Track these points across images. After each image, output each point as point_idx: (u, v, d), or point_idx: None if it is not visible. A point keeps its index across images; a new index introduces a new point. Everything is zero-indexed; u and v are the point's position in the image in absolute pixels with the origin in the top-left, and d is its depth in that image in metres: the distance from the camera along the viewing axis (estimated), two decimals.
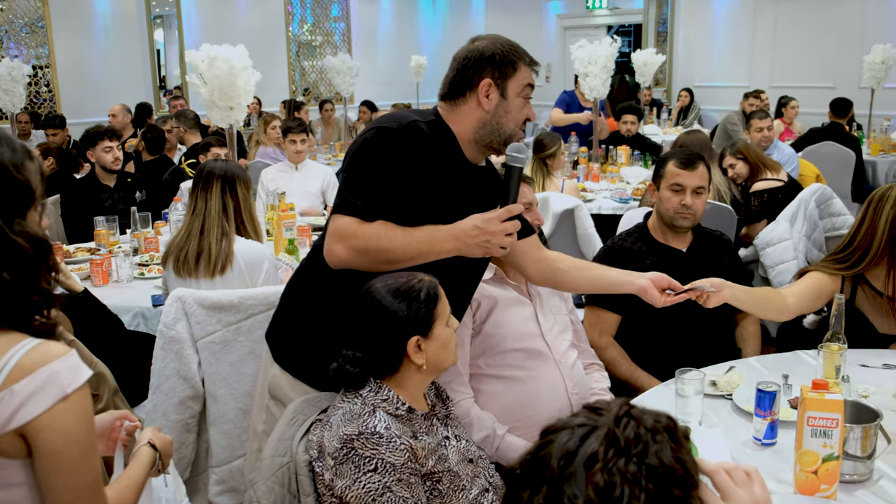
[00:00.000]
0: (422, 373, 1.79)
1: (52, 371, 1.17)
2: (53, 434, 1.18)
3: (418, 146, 1.87)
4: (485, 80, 1.93)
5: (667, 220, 2.88)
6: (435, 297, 1.78)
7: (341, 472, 1.64)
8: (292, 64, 11.92)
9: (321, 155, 8.07)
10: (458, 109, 1.96)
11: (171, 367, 2.57)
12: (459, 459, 1.83)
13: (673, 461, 0.90)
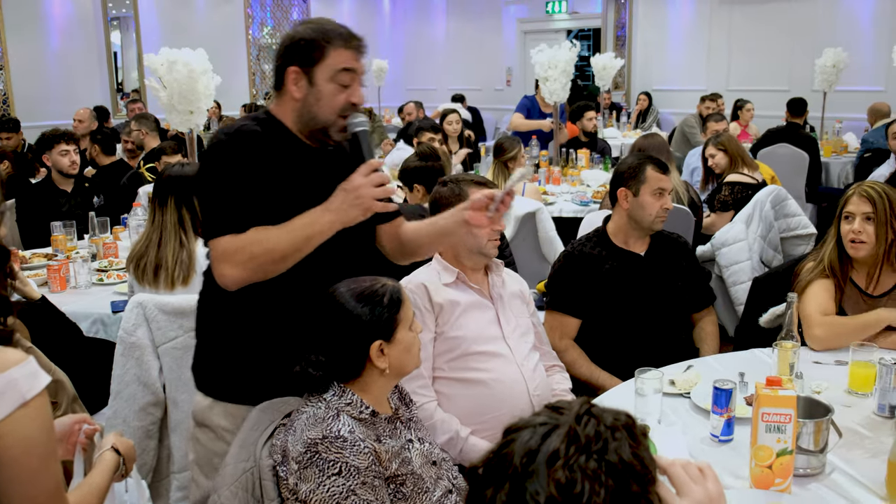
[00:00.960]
0: (385, 377, 1.80)
1: (10, 378, 1.16)
2: (13, 441, 1.17)
3: (252, 148, 1.84)
4: (291, 68, 1.87)
5: (646, 224, 2.91)
6: (398, 301, 1.79)
7: (305, 476, 1.64)
8: (252, 67, 11.83)
9: None
10: (280, 101, 1.93)
11: (132, 374, 2.55)
12: (423, 462, 1.84)
13: (631, 457, 0.93)
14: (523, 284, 2.66)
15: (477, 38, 12.94)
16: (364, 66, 1.93)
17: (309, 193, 1.85)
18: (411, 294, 2.34)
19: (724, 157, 4.87)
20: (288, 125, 1.92)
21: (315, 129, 1.91)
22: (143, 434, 2.59)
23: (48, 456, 1.24)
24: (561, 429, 0.93)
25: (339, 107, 1.88)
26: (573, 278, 2.90)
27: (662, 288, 2.90)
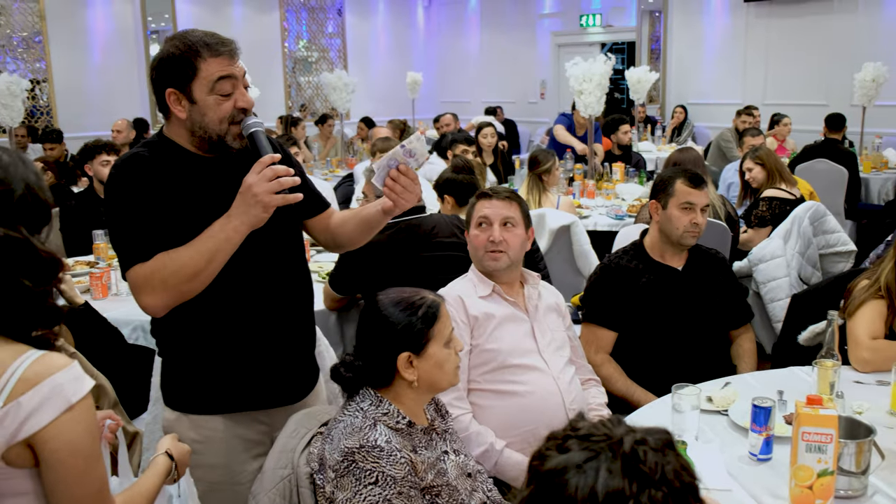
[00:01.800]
0: (414, 390, 1.81)
1: (56, 382, 1.19)
2: (59, 444, 1.20)
3: (141, 172, 1.82)
4: (168, 90, 1.82)
5: (674, 238, 2.89)
6: (433, 316, 1.81)
7: (342, 485, 1.65)
8: (288, 80, 11.97)
9: (318, 170, 8.10)
10: (169, 122, 1.89)
11: None
12: (458, 473, 1.85)
13: (682, 471, 0.92)
14: (559, 298, 2.66)
15: (511, 51, 12.96)
16: (241, 68, 1.88)
17: (214, 205, 1.82)
18: (447, 307, 2.35)
19: (762, 172, 4.83)
20: (182, 143, 1.89)
21: (212, 141, 1.86)
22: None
23: (93, 458, 1.27)
24: (612, 463, 0.91)
25: (226, 116, 1.84)
26: (609, 291, 2.89)
27: (699, 303, 2.87)
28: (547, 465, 0.94)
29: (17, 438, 1.17)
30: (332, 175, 7.83)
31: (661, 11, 11.25)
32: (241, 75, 1.87)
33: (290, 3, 11.88)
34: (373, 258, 3.00)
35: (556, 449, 0.95)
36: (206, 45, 1.82)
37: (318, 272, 3.77)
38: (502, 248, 2.47)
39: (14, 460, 1.20)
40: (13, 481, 1.22)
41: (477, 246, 2.51)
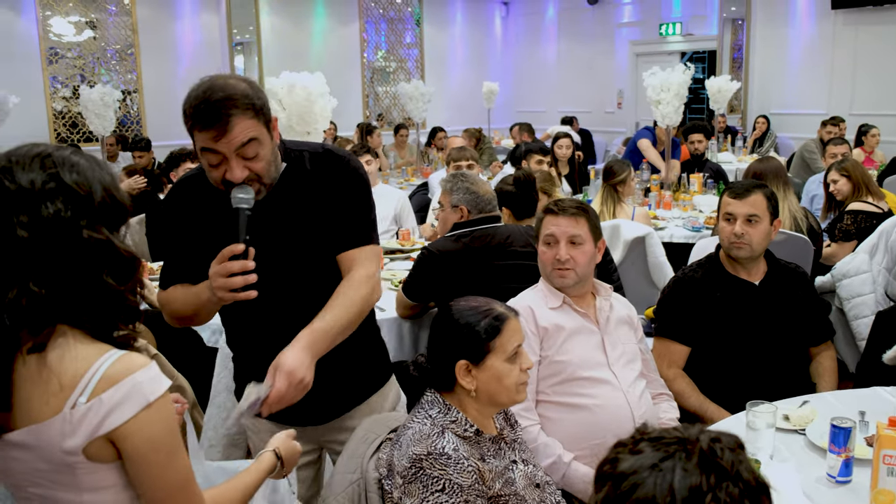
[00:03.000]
0: (474, 399, 1.81)
1: (135, 381, 1.24)
2: (139, 440, 1.25)
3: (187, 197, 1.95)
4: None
5: (724, 249, 2.86)
6: (495, 329, 1.81)
7: (410, 491, 1.67)
8: (366, 90, 12.16)
9: (394, 179, 8.20)
10: None
11: (224, 383, 2.64)
12: (526, 484, 1.85)
13: (755, 472, 0.92)
14: (631, 310, 2.63)
15: (588, 60, 12.86)
16: (237, 140, 1.73)
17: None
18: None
19: (848, 184, 4.66)
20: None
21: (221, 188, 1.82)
22: (228, 442, 2.67)
23: (174, 452, 1.31)
24: (685, 461, 0.91)
25: (217, 182, 1.80)
26: (683, 305, 2.84)
27: (777, 319, 2.80)
28: (620, 467, 0.94)
29: (98, 433, 1.22)
30: (407, 184, 7.92)
31: (744, 20, 10.99)
32: (233, 149, 1.74)
33: (369, 14, 12.08)
34: (446, 266, 3.02)
35: (629, 452, 0.95)
36: (194, 112, 1.75)
37: (391, 280, 3.82)
38: (569, 265, 2.46)
39: (96, 455, 1.25)
40: (96, 475, 1.27)
41: (545, 262, 2.52)
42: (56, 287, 1.24)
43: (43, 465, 1.26)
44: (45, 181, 1.24)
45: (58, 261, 1.24)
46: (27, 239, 1.22)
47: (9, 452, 1.27)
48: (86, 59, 9.87)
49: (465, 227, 3.12)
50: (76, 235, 1.25)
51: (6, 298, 1.21)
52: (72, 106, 9.47)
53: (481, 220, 3.13)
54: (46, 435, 1.23)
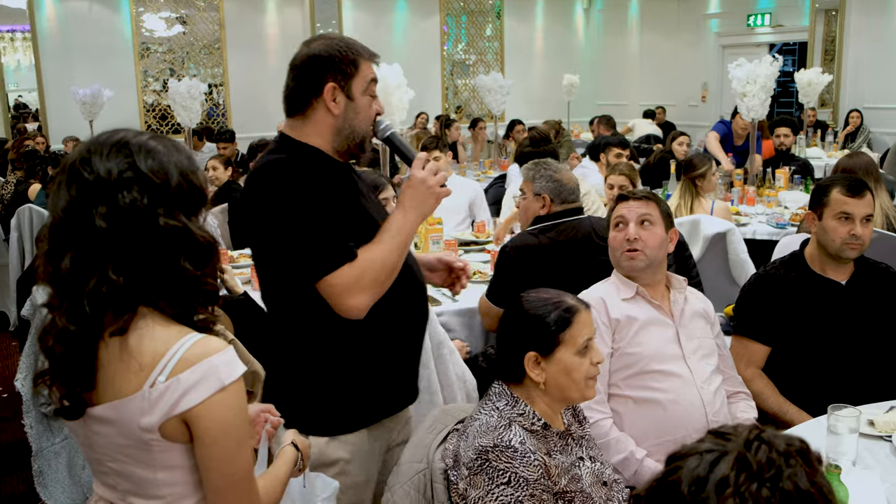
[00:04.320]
0: (543, 392, 1.80)
1: (212, 364, 1.27)
2: (211, 422, 1.28)
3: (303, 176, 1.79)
4: (329, 84, 1.81)
5: (832, 251, 2.70)
6: (566, 321, 1.79)
7: (475, 483, 1.67)
8: (446, 82, 12.19)
9: (470, 171, 8.21)
10: (308, 122, 1.85)
11: None
12: (593, 481, 1.82)
13: (809, 485, 0.88)
14: (707, 304, 2.56)
15: (672, 53, 12.58)
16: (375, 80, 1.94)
17: (360, 207, 1.89)
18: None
19: None
20: (318, 145, 1.87)
21: (354, 143, 1.88)
22: None
23: (243, 439, 1.34)
24: (729, 455, 0.89)
25: (372, 117, 1.89)
26: (764, 303, 2.75)
27: (864, 320, 2.67)
28: (677, 450, 0.94)
29: (173, 413, 1.26)
30: (484, 176, 7.92)
31: (838, 9, 10.56)
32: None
33: (450, 8, 12.10)
34: (530, 263, 2.96)
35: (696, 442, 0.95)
36: (363, 47, 1.88)
37: None
38: (638, 246, 2.40)
39: (170, 434, 1.29)
40: (168, 454, 1.31)
41: (615, 247, 2.47)
42: (135, 274, 1.27)
43: (122, 441, 1.30)
44: (122, 170, 1.27)
45: (135, 249, 1.26)
46: (105, 229, 1.25)
47: (92, 427, 1.32)
48: (175, 53, 10.21)
49: (548, 220, 3.06)
50: (153, 223, 1.27)
51: (87, 287, 1.25)
52: (162, 99, 9.81)
53: (564, 212, 3.06)
54: (127, 411, 1.27)
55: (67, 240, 1.26)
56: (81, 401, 1.29)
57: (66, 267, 1.25)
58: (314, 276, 1.76)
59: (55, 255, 1.27)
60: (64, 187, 1.27)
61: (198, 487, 1.35)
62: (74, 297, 1.25)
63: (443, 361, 2.61)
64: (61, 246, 1.26)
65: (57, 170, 1.32)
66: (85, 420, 1.31)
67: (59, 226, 1.27)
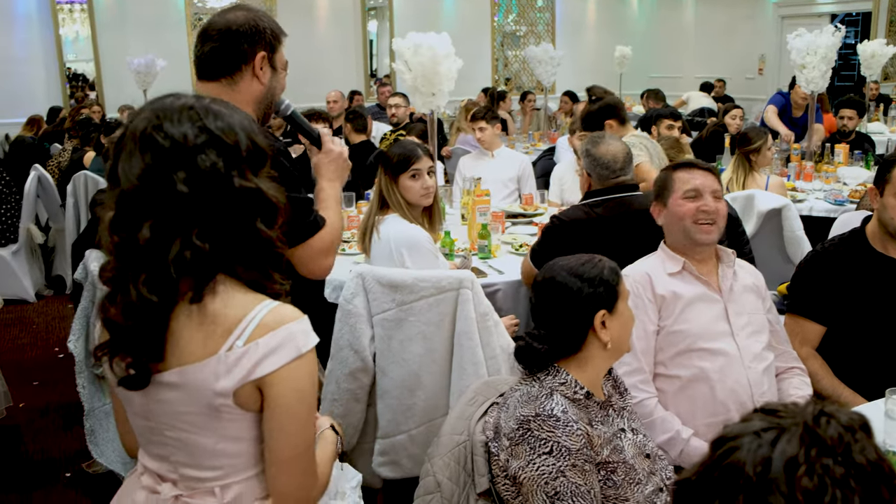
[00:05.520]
0: (605, 353, 1.79)
1: (290, 331, 1.26)
2: (286, 389, 1.27)
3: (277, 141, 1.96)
4: (260, 53, 1.90)
5: (891, 229, 2.60)
6: (617, 274, 1.82)
7: (516, 453, 1.65)
8: (496, 54, 12.06)
9: (519, 143, 8.13)
10: (235, 89, 1.91)
11: (345, 339, 2.67)
12: (636, 453, 1.79)
13: (878, 459, 0.83)
14: (758, 277, 2.48)
15: (729, 24, 12.25)
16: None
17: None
18: (634, 284, 2.29)
19: None
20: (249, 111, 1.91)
21: (267, 113, 1.99)
22: (350, 397, 2.71)
23: (312, 409, 1.34)
24: (791, 432, 0.84)
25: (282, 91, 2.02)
26: (820, 281, 2.66)
27: None
28: (724, 431, 0.89)
29: (250, 378, 1.25)
30: (533, 149, 7.83)
31: None
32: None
33: None
34: (574, 235, 2.92)
35: (740, 421, 0.90)
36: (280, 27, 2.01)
37: (511, 243, 3.79)
38: (714, 218, 2.35)
39: (243, 401, 1.28)
40: (236, 424, 1.30)
41: (684, 215, 2.37)
42: (216, 238, 1.25)
43: (189, 408, 1.29)
44: (196, 134, 1.25)
45: (216, 212, 1.25)
46: (187, 194, 1.23)
47: (157, 394, 1.30)
48: None
49: (597, 195, 3.00)
50: (230, 185, 1.25)
51: (170, 254, 1.23)
52: None
53: (614, 188, 2.99)
54: (200, 375, 1.26)
55: (145, 207, 1.23)
56: (148, 370, 1.27)
57: (146, 236, 1.22)
58: (307, 234, 1.90)
59: (130, 224, 1.24)
60: (137, 155, 1.24)
61: (256, 462, 1.34)
62: (156, 266, 1.23)
63: (487, 333, 2.59)
64: (137, 214, 1.23)
65: (117, 138, 1.29)
66: (148, 388, 1.29)
67: (134, 193, 1.24)
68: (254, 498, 1.35)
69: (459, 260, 3.34)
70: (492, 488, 1.76)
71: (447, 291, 2.60)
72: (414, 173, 2.94)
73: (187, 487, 1.34)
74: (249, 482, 1.35)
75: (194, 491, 1.34)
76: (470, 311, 2.58)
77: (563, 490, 1.61)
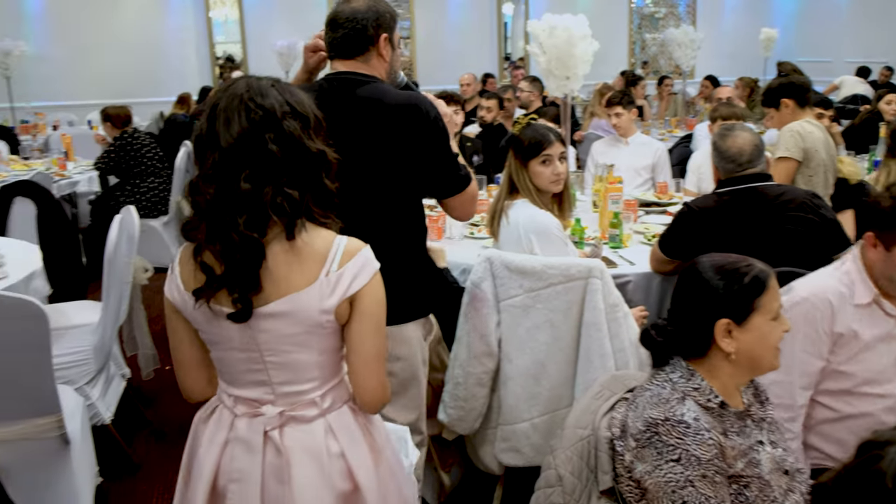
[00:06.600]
0: (731, 364, 1.67)
1: (365, 255, 1.54)
2: (371, 300, 1.55)
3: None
4: (382, 36, 2.21)
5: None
6: (761, 285, 1.66)
7: (642, 456, 1.60)
8: (633, 36, 11.74)
9: (655, 130, 7.89)
10: (368, 65, 2.22)
11: (472, 323, 2.67)
12: (773, 468, 1.69)
13: None
14: None
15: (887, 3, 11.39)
16: None
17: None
18: (813, 310, 2.07)
19: None
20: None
21: (393, 83, 2.29)
22: (474, 381, 2.71)
23: (384, 319, 1.59)
24: None
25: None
26: None
27: None
28: (872, 436, 0.86)
29: (347, 294, 1.51)
30: (669, 135, 7.59)
31: None
32: None
33: None
34: (703, 224, 2.83)
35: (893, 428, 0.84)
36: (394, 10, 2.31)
37: (643, 233, 3.68)
38: None
39: (340, 315, 1.53)
40: (331, 337, 1.56)
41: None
42: (299, 187, 1.49)
43: (294, 330, 1.52)
44: (282, 104, 1.50)
45: (296, 167, 1.49)
46: (277, 151, 1.47)
47: (261, 325, 1.51)
48: None
49: (728, 185, 2.89)
50: (305, 146, 1.50)
51: (266, 198, 1.46)
52: None
53: (745, 177, 2.86)
54: (306, 299, 1.49)
55: (242, 162, 1.46)
56: (250, 303, 1.48)
57: (245, 185, 1.45)
58: (462, 185, 2.28)
59: (229, 175, 1.46)
60: (235, 120, 1.47)
61: (339, 370, 1.62)
62: (254, 209, 1.45)
63: (616, 324, 2.53)
64: (236, 167, 1.46)
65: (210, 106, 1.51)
66: (251, 322, 1.50)
67: (233, 150, 1.46)
68: (342, 401, 1.62)
69: (589, 248, 3.27)
70: (614, 487, 1.71)
71: (576, 280, 2.55)
72: (545, 159, 2.89)
73: (288, 403, 1.57)
74: (338, 388, 1.62)
75: (296, 404, 1.57)
76: (599, 302, 2.52)
77: (690, 500, 1.54)
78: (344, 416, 1.61)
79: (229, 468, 1.57)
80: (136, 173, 6.05)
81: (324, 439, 1.57)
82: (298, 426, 1.57)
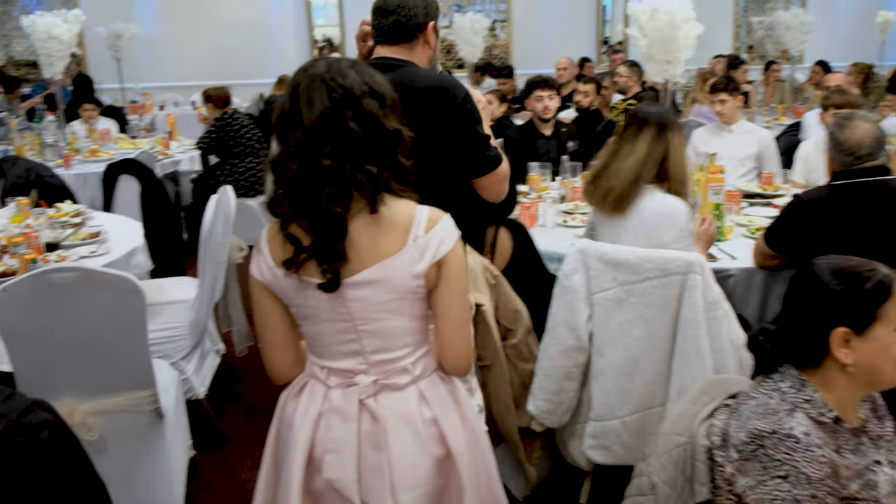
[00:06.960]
0: (849, 377, 1.55)
1: (446, 223, 1.58)
2: (455, 264, 1.59)
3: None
4: (429, 24, 2.30)
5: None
6: (886, 291, 1.52)
7: (745, 470, 1.50)
8: (738, 19, 11.29)
9: (760, 117, 7.56)
10: (413, 52, 2.30)
11: (562, 315, 2.60)
12: (891, 491, 1.55)
13: None
14: None
15: None
16: None
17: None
18: None
19: None
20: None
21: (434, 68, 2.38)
22: (563, 374, 2.64)
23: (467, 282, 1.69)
24: None
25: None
26: None
27: None
28: None
29: (435, 258, 1.55)
30: (775, 123, 7.25)
31: None
32: None
33: None
34: (813, 216, 2.67)
35: None
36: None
37: (746, 226, 3.53)
38: None
39: (429, 279, 1.57)
40: (420, 302, 1.60)
41: None
42: (377, 164, 1.53)
43: (386, 297, 1.56)
44: (360, 84, 1.54)
45: (375, 143, 1.53)
46: (356, 129, 1.51)
47: (351, 294, 1.55)
48: None
49: (843, 177, 2.71)
50: (382, 124, 1.54)
51: (346, 173, 1.50)
52: (449, 34, 10.12)
53: (862, 170, 2.67)
54: (398, 264, 1.54)
55: (324, 138, 1.50)
56: (338, 273, 1.53)
57: (327, 160, 1.49)
58: (492, 166, 2.30)
59: (311, 151, 1.50)
60: (317, 99, 1.51)
61: (426, 338, 1.65)
62: (336, 184, 1.50)
63: (716, 323, 2.42)
64: (318, 143, 1.50)
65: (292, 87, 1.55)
66: (341, 291, 1.55)
67: (315, 128, 1.50)
68: (432, 369, 1.66)
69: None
70: (712, 500, 1.61)
71: (674, 275, 2.44)
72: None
73: (381, 372, 1.61)
74: (427, 356, 1.65)
75: (389, 372, 1.61)
76: (697, 299, 2.41)
77: None
78: (434, 383, 1.65)
79: (325, 439, 1.60)
80: (235, 153, 6.19)
81: (417, 406, 1.61)
82: (392, 394, 1.60)
